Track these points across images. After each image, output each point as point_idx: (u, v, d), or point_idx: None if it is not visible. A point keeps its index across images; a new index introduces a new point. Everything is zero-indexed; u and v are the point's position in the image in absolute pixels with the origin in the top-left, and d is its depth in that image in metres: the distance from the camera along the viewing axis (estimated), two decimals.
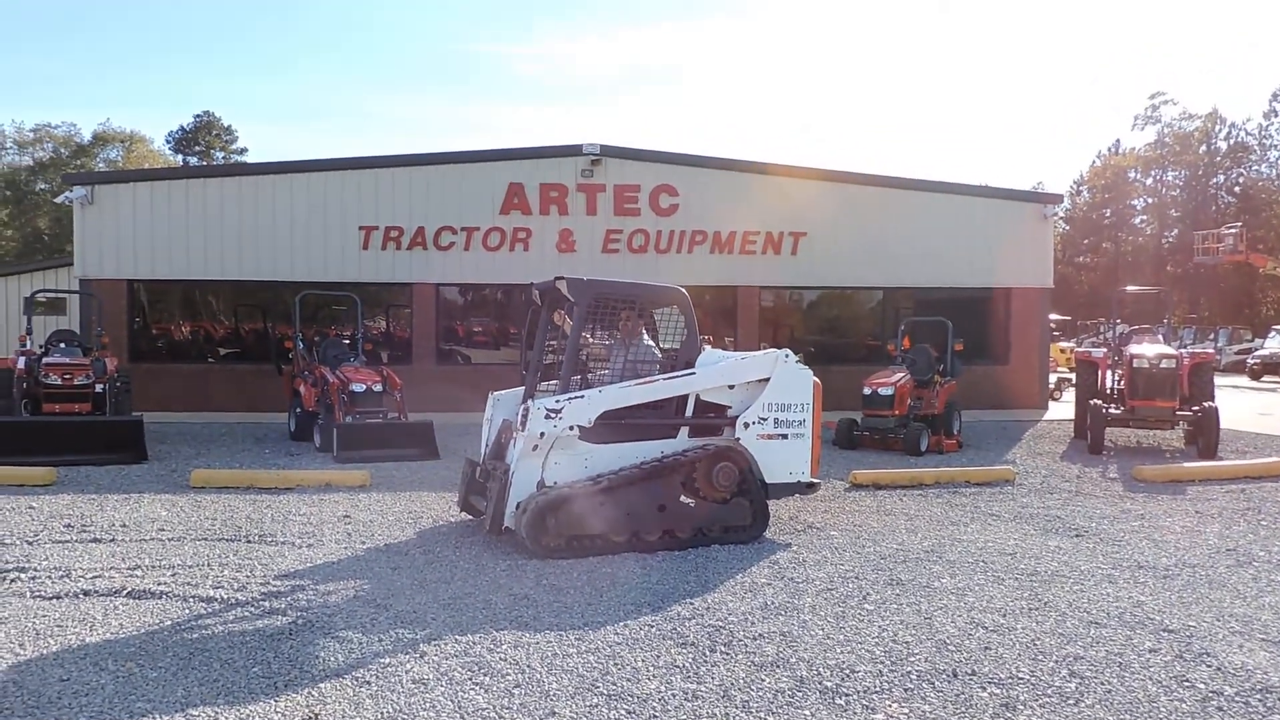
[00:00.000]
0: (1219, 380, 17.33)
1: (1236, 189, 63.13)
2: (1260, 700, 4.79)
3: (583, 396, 7.92)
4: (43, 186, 59.76)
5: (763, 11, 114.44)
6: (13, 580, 6.64)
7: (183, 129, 68.13)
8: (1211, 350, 17.70)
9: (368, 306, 17.71)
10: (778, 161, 20.83)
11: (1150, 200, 67.02)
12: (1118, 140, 70.89)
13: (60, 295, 22.24)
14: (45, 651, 5.26)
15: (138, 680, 4.86)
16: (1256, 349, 35.81)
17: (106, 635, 5.54)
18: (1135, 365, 14.08)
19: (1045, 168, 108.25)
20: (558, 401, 7.79)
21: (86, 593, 6.38)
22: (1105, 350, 15.78)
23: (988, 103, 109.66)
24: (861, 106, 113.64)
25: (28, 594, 6.33)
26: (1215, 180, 64.33)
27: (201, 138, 67.98)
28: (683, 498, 8.09)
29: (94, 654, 5.22)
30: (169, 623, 5.80)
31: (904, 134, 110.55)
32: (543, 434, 7.72)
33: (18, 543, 7.76)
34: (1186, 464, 12.51)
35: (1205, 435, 13.59)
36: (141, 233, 18.66)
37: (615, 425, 8.03)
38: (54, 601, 6.18)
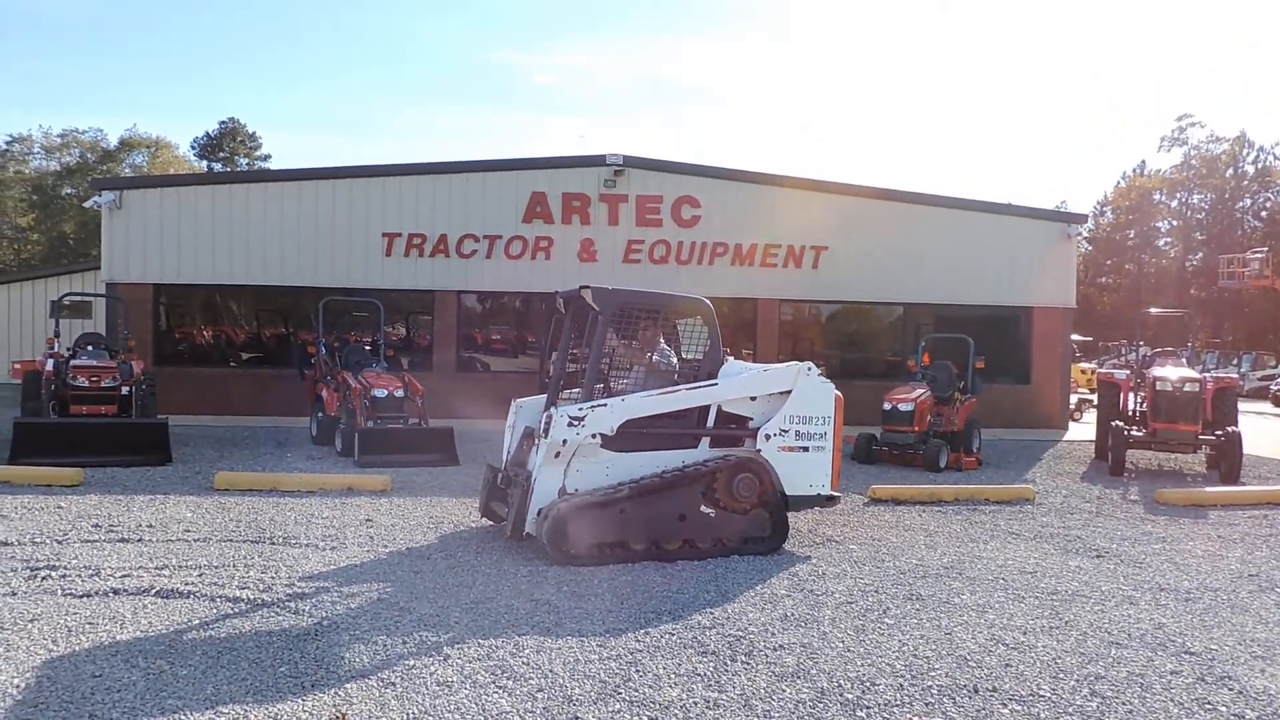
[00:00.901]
0: (1242, 406, 17.19)
1: (1263, 213, 62.58)
2: None
3: (605, 405, 7.97)
4: (69, 191, 60.47)
5: (764, 14, 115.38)
6: (44, 578, 6.74)
7: (208, 135, 68.80)
8: (1235, 375, 17.59)
9: (389, 313, 17.84)
10: (799, 175, 20.85)
11: (1175, 222, 66.54)
12: (1143, 161, 70.71)
13: (87, 299, 22.49)
14: (77, 648, 5.34)
15: (168, 678, 4.94)
16: None
17: (136, 633, 5.63)
18: (1158, 388, 14.02)
19: (1046, 174, 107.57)
20: (581, 409, 7.85)
21: (116, 591, 6.47)
22: (1128, 372, 15.71)
23: (987, 103, 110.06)
24: (861, 107, 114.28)
25: (59, 592, 6.43)
26: (1241, 204, 63.83)
27: (226, 144, 68.62)
28: (703, 508, 8.14)
29: (125, 651, 5.31)
30: (197, 622, 5.88)
31: (904, 134, 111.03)
32: (565, 441, 7.78)
33: (48, 542, 7.87)
34: (1209, 488, 12.43)
35: (1228, 460, 13.49)
36: (168, 237, 18.91)
37: (637, 434, 8.08)
38: (85, 600, 6.27)
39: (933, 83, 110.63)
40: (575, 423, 7.79)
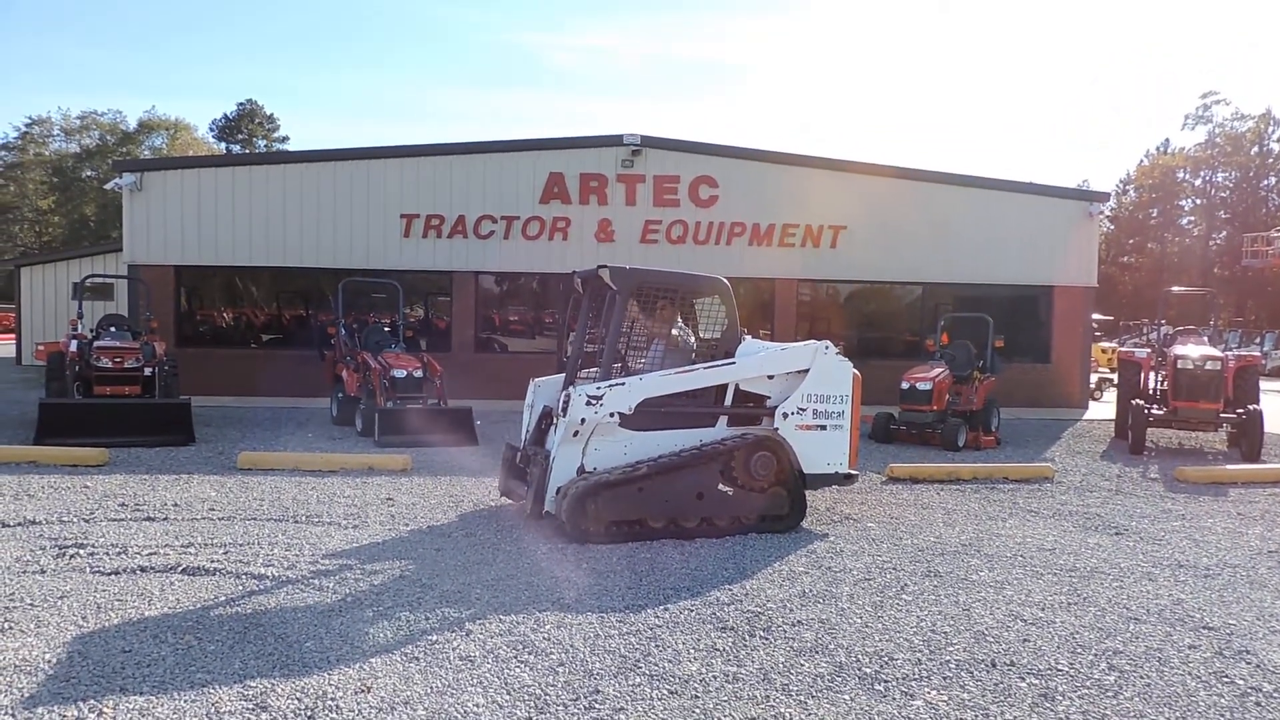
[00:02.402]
0: (1264, 385, 17.04)
1: None
2: None
3: (624, 384, 8.01)
4: (89, 173, 60.90)
5: (767, 14, 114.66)
6: (72, 556, 6.86)
7: (226, 117, 69.13)
8: (1258, 354, 17.43)
9: (408, 294, 17.91)
10: (817, 155, 20.72)
11: (1199, 201, 65.75)
12: (1166, 139, 69.79)
13: (109, 280, 22.69)
14: (107, 624, 5.44)
15: (196, 653, 5.03)
16: None
17: (164, 610, 5.73)
18: (1180, 366, 13.94)
19: (1046, 176, 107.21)
20: (599, 388, 7.89)
21: (143, 569, 6.58)
22: (1149, 350, 15.62)
23: (987, 103, 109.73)
24: (861, 107, 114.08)
25: (88, 569, 6.54)
26: (1266, 182, 63.03)
27: (244, 126, 68.91)
28: (721, 486, 8.18)
29: (153, 627, 5.41)
30: (223, 598, 5.98)
31: (903, 134, 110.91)
32: (584, 420, 7.83)
33: (75, 520, 8.00)
34: (1229, 466, 12.38)
35: (1249, 438, 13.42)
36: (188, 219, 19.02)
37: (655, 413, 8.11)
38: (113, 577, 6.38)
39: (932, 83, 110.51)
40: (593, 402, 7.83)
